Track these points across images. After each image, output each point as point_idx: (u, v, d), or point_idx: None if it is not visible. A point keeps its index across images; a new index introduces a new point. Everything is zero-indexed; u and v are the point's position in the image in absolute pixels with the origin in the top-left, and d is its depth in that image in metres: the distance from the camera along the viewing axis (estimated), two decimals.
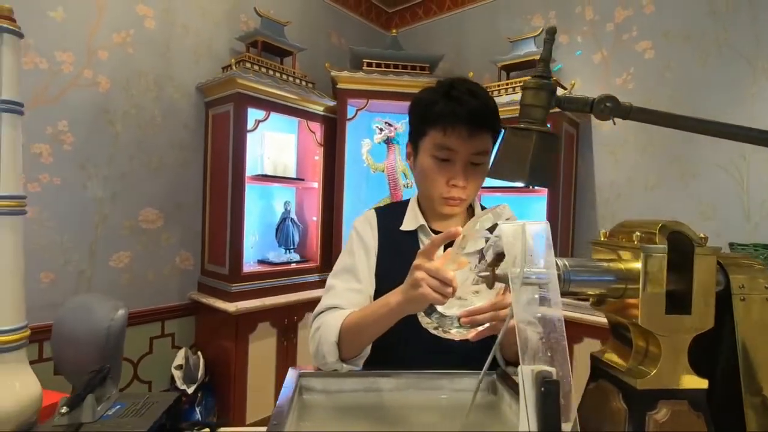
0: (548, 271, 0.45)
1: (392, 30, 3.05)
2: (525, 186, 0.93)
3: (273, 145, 2.46)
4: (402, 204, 1.00)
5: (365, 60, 2.54)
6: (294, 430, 0.61)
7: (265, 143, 2.42)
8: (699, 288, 0.51)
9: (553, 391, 0.41)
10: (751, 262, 0.58)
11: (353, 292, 0.88)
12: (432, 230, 0.93)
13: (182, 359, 2.11)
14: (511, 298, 0.46)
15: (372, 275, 0.91)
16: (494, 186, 2.34)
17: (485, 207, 1.00)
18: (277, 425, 0.56)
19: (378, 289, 0.90)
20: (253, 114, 2.20)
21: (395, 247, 0.92)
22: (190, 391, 2.00)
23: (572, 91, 2.28)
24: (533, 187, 2.38)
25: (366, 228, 0.95)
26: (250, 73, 2.12)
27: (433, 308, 0.66)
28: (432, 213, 0.94)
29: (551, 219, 2.16)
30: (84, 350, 1.28)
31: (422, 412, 0.72)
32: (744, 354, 0.54)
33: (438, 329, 0.66)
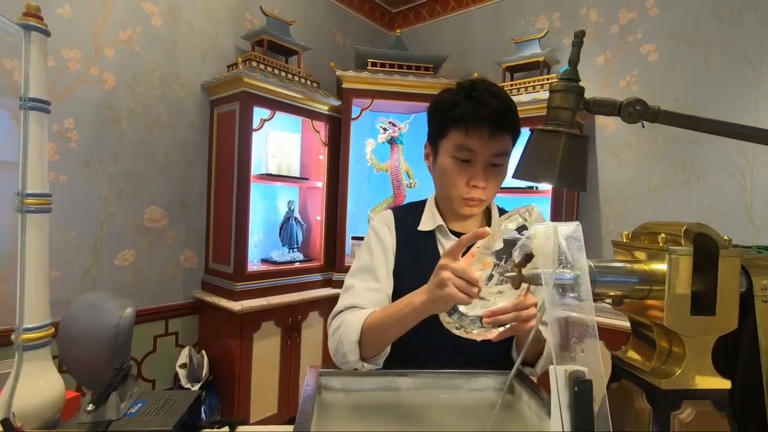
0: (580, 273, 0.45)
1: (396, 30, 3.05)
2: (553, 186, 0.93)
3: (277, 145, 2.46)
4: (419, 204, 1.00)
5: (369, 60, 2.54)
6: (320, 431, 0.62)
7: (270, 142, 2.42)
8: (723, 289, 0.52)
9: (587, 391, 0.42)
10: None
11: (372, 292, 0.87)
12: (450, 231, 0.93)
13: (186, 358, 2.10)
14: (544, 298, 0.46)
15: (390, 275, 0.91)
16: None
17: (500, 207, 1.01)
18: (303, 425, 0.57)
19: (396, 289, 0.90)
20: (259, 113, 2.20)
21: (413, 248, 0.92)
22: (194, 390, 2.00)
23: None
24: (536, 188, 2.39)
25: (384, 228, 0.95)
26: (257, 72, 2.12)
27: (455, 308, 0.66)
28: (450, 213, 0.94)
29: (554, 220, 2.17)
30: (93, 348, 1.27)
31: (440, 412, 0.73)
32: (766, 356, 0.55)
33: (460, 329, 0.66)
